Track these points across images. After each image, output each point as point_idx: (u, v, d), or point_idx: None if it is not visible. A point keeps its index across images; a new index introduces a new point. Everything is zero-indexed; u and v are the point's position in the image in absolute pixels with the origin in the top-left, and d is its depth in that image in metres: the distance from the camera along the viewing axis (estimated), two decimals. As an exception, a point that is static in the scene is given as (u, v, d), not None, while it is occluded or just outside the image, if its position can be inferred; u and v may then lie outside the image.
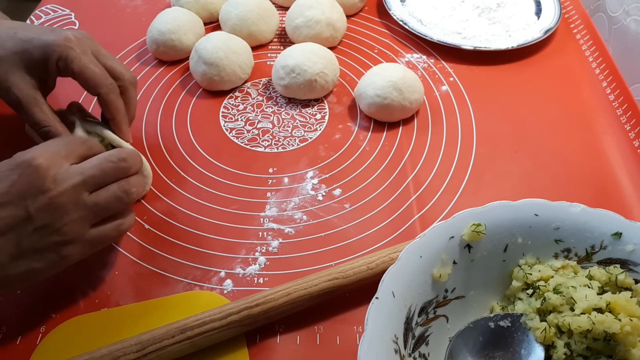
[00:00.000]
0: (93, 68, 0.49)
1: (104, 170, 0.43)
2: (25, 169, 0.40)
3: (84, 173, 0.42)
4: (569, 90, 0.67)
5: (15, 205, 0.39)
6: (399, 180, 0.57)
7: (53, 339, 0.45)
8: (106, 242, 0.45)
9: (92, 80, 0.48)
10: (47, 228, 0.40)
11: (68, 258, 0.42)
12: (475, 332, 0.41)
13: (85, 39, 0.50)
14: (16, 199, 0.39)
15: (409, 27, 0.74)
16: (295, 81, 0.63)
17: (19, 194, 0.39)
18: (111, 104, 0.50)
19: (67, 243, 0.41)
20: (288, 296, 0.44)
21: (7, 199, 0.39)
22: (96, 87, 0.49)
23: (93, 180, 0.42)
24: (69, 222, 0.41)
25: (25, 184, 0.39)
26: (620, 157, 0.59)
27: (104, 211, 0.43)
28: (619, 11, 0.75)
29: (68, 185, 0.41)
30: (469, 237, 0.43)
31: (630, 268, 0.42)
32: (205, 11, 0.75)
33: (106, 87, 0.49)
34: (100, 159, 0.43)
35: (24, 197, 0.39)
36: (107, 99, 0.50)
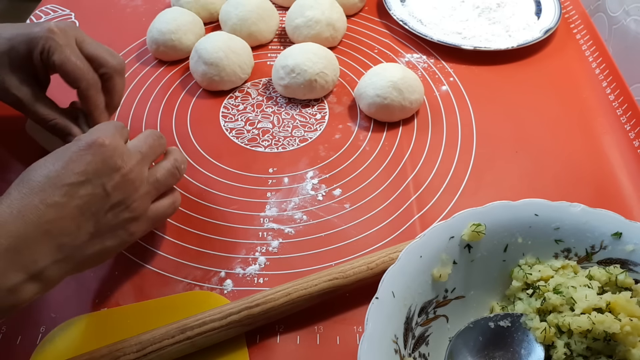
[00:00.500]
0: (74, 60, 0.48)
1: (151, 146, 0.45)
2: (97, 148, 0.40)
3: (141, 151, 0.44)
4: (569, 90, 0.67)
5: (93, 183, 0.39)
6: (399, 180, 0.57)
7: (53, 339, 0.45)
8: (163, 218, 0.47)
9: (72, 73, 0.48)
10: (121, 205, 0.41)
11: (134, 235, 0.44)
12: (475, 332, 0.41)
13: (69, 29, 0.49)
14: (93, 177, 0.39)
15: (409, 27, 0.74)
16: (295, 81, 0.63)
17: (95, 172, 0.40)
18: (90, 99, 0.50)
19: (135, 219, 0.43)
20: (288, 296, 0.44)
21: (85, 177, 0.39)
22: (76, 80, 0.48)
23: (147, 156, 0.45)
24: (137, 198, 0.42)
25: (101, 162, 0.40)
26: (620, 157, 0.59)
27: (163, 186, 0.46)
28: (619, 11, 0.75)
29: (134, 162, 0.42)
30: (469, 237, 0.43)
31: (630, 268, 0.42)
32: (205, 11, 0.75)
33: (86, 81, 0.49)
34: (145, 137, 0.45)
35: (100, 176, 0.40)
36: (86, 94, 0.49)
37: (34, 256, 0.37)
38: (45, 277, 0.38)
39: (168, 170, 0.46)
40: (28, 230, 0.36)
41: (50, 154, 0.41)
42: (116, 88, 0.52)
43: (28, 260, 0.37)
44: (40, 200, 0.37)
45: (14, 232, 0.36)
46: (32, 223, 0.37)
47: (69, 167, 0.39)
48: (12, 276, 0.36)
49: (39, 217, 0.37)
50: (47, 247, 0.37)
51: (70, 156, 0.40)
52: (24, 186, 0.38)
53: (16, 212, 0.37)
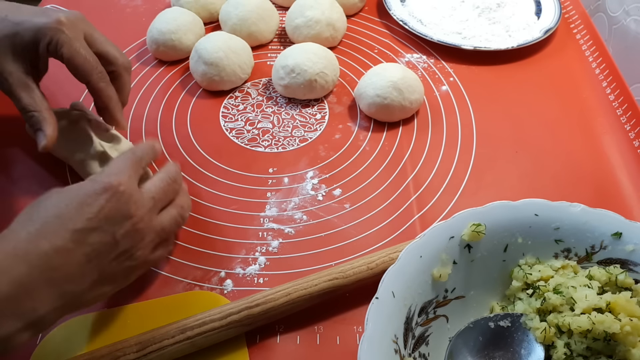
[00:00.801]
0: (84, 54, 0.47)
1: (165, 191, 0.44)
2: (112, 194, 0.39)
3: (154, 197, 0.43)
4: (569, 90, 0.67)
5: (104, 230, 0.38)
6: (399, 180, 0.57)
7: (53, 339, 0.45)
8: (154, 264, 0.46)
9: (81, 67, 0.47)
10: (126, 253, 0.40)
11: (129, 281, 0.43)
12: (475, 332, 0.41)
13: (78, 22, 0.48)
14: (105, 224, 0.38)
15: (409, 27, 0.74)
16: (295, 81, 0.63)
17: (107, 219, 0.38)
18: (102, 92, 0.49)
19: (136, 268, 0.42)
20: (288, 296, 0.44)
21: (97, 224, 0.38)
22: (86, 75, 0.47)
23: (159, 202, 0.43)
24: (142, 246, 0.41)
25: (115, 209, 0.39)
26: (620, 157, 0.59)
27: (167, 234, 0.44)
28: (619, 11, 0.75)
29: (145, 210, 0.41)
30: (469, 237, 0.43)
31: (630, 268, 0.42)
32: (205, 11, 0.75)
33: (96, 75, 0.48)
34: (160, 180, 0.44)
35: (113, 223, 0.39)
36: (98, 87, 0.48)
37: (34, 304, 0.35)
38: (42, 323, 0.36)
39: (174, 219, 0.45)
40: (32, 276, 0.35)
41: (62, 190, 0.39)
42: (124, 85, 0.52)
43: (28, 308, 0.35)
44: (48, 244, 0.36)
45: (16, 278, 0.34)
46: (37, 268, 0.35)
47: (81, 210, 0.38)
48: (9, 325, 0.34)
49: (45, 262, 0.35)
50: (49, 294, 0.36)
51: (85, 199, 0.38)
52: (33, 225, 0.37)
53: (22, 254, 0.35)
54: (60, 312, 0.38)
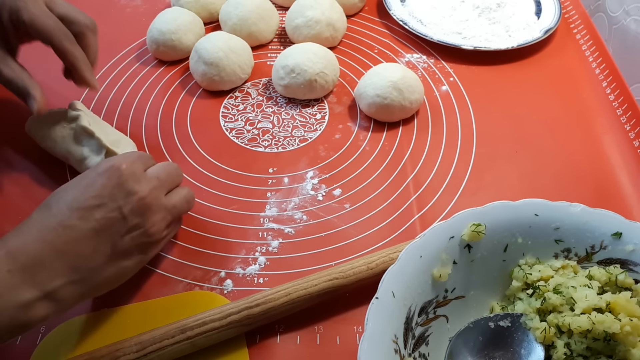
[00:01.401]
0: (43, 16, 0.48)
1: (170, 174, 0.46)
2: (113, 173, 0.41)
3: (159, 177, 0.45)
4: (569, 90, 0.67)
5: (109, 206, 0.40)
6: (399, 180, 0.57)
7: (53, 339, 0.45)
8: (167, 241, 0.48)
9: (42, 29, 0.48)
10: (139, 228, 0.42)
11: (149, 256, 0.45)
12: (475, 332, 0.41)
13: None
14: (109, 200, 0.40)
15: (409, 27, 0.74)
16: (295, 81, 0.63)
17: (110, 195, 0.41)
18: (67, 51, 0.49)
19: (152, 244, 0.44)
20: (288, 296, 0.44)
21: (100, 200, 0.40)
22: (48, 36, 0.48)
23: (165, 183, 0.45)
24: (155, 222, 0.43)
25: (117, 186, 0.41)
26: (620, 157, 0.59)
27: (179, 212, 0.47)
28: (619, 11, 0.75)
29: (151, 187, 0.43)
30: (469, 237, 0.43)
31: (630, 268, 0.42)
32: (205, 11, 0.75)
33: (58, 35, 0.48)
34: (164, 166, 0.46)
35: (116, 199, 0.41)
36: (62, 47, 0.49)
37: (49, 275, 0.38)
38: (59, 297, 0.38)
39: (184, 197, 0.47)
40: (45, 250, 0.38)
41: (71, 180, 0.42)
42: (90, 44, 0.52)
43: (43, 279, 0.37)
44: (57, 223, 0.39)
45: (32, 252, 0.37)
46: (49, 243, 0.38)
47: (85, 191, 0.40)
48: (26, 292, 0.37)
49: (56, 238, 0.38)
50: (62, 267, 0.38)
51: (88, 181, 0.41)
52: (45, 210, 0.40)
53: (35, 232, 0.38)
54: (79, 287, 0.39)
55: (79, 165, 0.54)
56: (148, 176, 0.44)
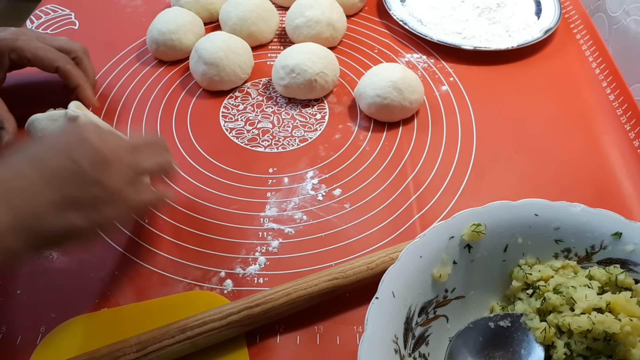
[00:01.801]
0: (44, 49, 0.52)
1: (148, 144, 0.46)
2: (74, 128, 0.43)
3: (130, 142, 0.45)
4: (569, 90, 0.67)
5: (64, 154, 0.40)
6: (399, 180, 0.57)
7: (53, 339, 0.45)
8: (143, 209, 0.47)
9: (46, 58, 0.52)
10: (94, 183, 0.40)
11: (107, 218, 0.42)
12: (475, 332, 0.41)
13: (27, 31, 0.55)
14: (64, 149, 0.40)
15: (409, 27, 0.74)
16: (295, 81, 0.63)
17: (66, 145, 0.40)
18: (71, 73, 0.53)
19: (109, 202, 0.41)
20: (288, 296, 0.44)
21: (56, 149, 0.40)
22: (52, 62, 0.52)
23: (137, 148, 0.45)
24: (113, 175, 0.41)
25: (74, 139, 0.41)
26: (620, 157, 0.59)
27: (145, 170, 0.45)
28: (619, 11, 0.75)
29: (115, 145, 0.42)
30: (469, 237, 0.43)
31: (630, 268, 0.42)
32: (205, 11, 0.75)
33: (61, 59, 0.53)
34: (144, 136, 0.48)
35: (72, 150, 0.40)
36: (66, 69, 0.53)
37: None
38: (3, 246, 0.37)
39: (156, 161, 0.46)
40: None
41: None
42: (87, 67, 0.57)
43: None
44: (6, 168, 0.39)
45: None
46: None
47: (43, 142, 0.42)
48: None
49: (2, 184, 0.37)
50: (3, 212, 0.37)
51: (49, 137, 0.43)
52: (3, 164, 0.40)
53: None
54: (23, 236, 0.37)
55: None
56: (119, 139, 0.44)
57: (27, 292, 0.47)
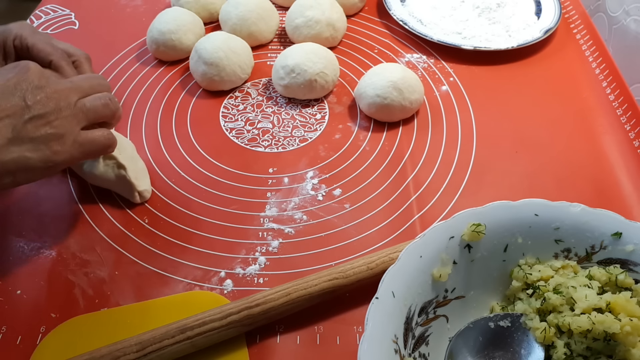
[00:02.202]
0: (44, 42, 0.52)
1: (87, 79, 0.48)
2: (22, 68, 0.44)
3: (72, 80, 0.47)
4: (569, 90, 0.67)
5: (13, 95, 0.42)
6: (399, 180, 0.57)
7: (53, 339, 0.45)
8: (94, 148, 0.48)
9: (43, 50, 0.52)
10: (41, 119, 0.43)
11: (58, 155, 0.44)
12: (475, 332, 0.41)
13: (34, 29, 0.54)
14: (14, 89, 0.42)
15: (409, 27, 0.74)
16: (295, 81, 0.63)
17: (16, 85, 0.43)
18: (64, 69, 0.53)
19: (58, 138, 0.44)
20: (288, 296, 0.44)
21: (6, 90, 0.42)
22: (48, 55, 0.52)
23: (80, 87, 0.47)
24: (60, 117, 0.44)
25: (23, 79, 0.43)
26: (620, 157, 0.59)
27: (92, 113, 0.47)
28: (619, 11, 0.75)
29: (60, 86, 0.45)
30: (469, 237, 0.43)
31: (630, 268, 0.42)
32: (205, 11, 0.75)
33: (56, 55, 0.52)
34: (86, 74, 0.49)
35: (21, 89, 0.43)
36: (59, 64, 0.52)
37: None
38: None
39: (100, 99, 0.48)
40: None
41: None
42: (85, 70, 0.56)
43: None
44: None
45: None
46: None
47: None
48: None
49: None
50: None
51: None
52: None
53: None
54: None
55: (78, 167, 0.54)
56: (60, 79, 0.46)
57: (27, 292, 0.47)
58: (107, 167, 0.53)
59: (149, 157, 0.59)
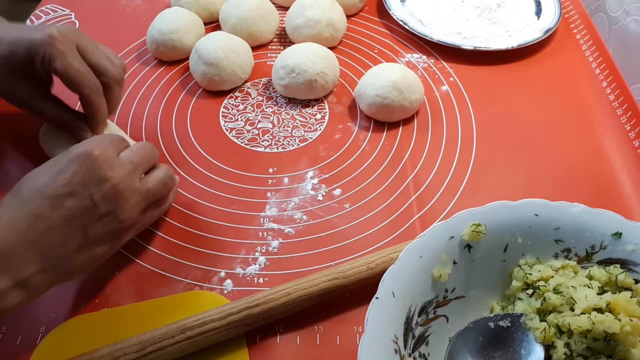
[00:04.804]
0: (77, 67, 0.48)
1: (144, 157, 0.46)
2: (85, 159, 0.41)
3: (133, 161, 0.44)
4: (569, 90, 0.67)
5: (80, 194, 0.40)
6: (399, 180, 0.57)
7: (53, 339, 0.45)
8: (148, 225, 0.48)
9: (74, 79, 0.48)
10: (110, 215, 0.42)
11: (122, 242, 0.45)
12: (475, 332, 0.41)
13: (71, 34, 0.49)
14: (80, 188, 0.40)
15: (409, 27, 0.74)
16: (295, 81, 0.63)
17: (82, 183, 0.40)
18: (93, 104, 0.50)
19: (124, 230, 0.44)
20: (288, 296, 0.44)
21: (72, 188, 0.40)
22: (79, 86, 0.48)
23: (140, 166, 0.45)
24: (127, 208, 0.43)
25: (88, 173, 0.41)
26: (620, 157, 0.59)
27: (154, 196, 0.46)
28: (619, 11, 0.75)
29: (124, 172, 0.43)
30: (469, 237, 0.43)
31: (630, 268, 0.42)
32: (205, 11, 0.75)
33: (89, 87, 0.49)
34: (138, 148, 0.46)
35: (88, 186, 0.40)
36: (89, 100, 0.49)
37: (20, 264, 0.38)
38: (32, 285, 0.39)
39: (160, 180, 0.46)
40: (16, 239, 0.38)
41: (43, 165, 0.42)
42: (114, 96, 0.53)
43: (15, 268, 0.38)
44: (28, 212, 0.39)
45: (3, 241, 0.37)
46: (19, 232, 0.38)
47: (56, 178, 0.40)
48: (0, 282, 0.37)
49: (27, 227, 0.38)
50: (34, 256, 0.38)
51: (60, 167, 0.41)
52: (16, 196, 0.40)
53: (5, 221, 0.38)
54: (50, 274, 0.40)
55: None
56: (121, 161, 0.43)
57: (27, 292, 0.47)
58: None
59: (149, 157, 0.59)
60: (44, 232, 0.39)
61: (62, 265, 0.40)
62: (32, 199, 0.39)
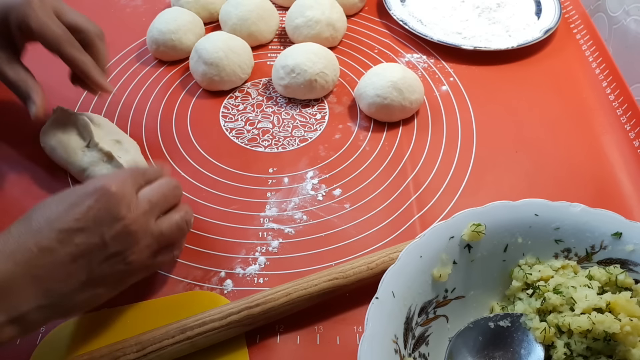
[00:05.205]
0: (51, 25, 0.47)
1: (165, 196, 0.43)
2: (101, 195, 0.39)
3: (151, 200, 0.42)
4: (569, 90, 0.67)
5: (91, 231, 0.38)
6: (399, 180, 0.57)
7: (53, 339, 0.45)
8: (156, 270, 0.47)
9: (50, 37, 0.47)
10: (118, 256, 0.40)
11: (127, 285, 0.42)
12: (475, 332, 0.41)
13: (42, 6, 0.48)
14: (92, 225, 0.38)
15: (409, 27, 0.74)
16: (295, 81, 0.63)
17: (95, 219, 0.38)
18: (76, 59, 0.49)
19: (130, 273, 0.42)
20: (288, 296, 0.44)
21: (84, 224, 0.38)
22: (55, 44, 0.47)
23: (157, 207, 0.43)
24: (136, 250, 0.40)
25: (103, 210, 0.38)
26: (620, 157, 0.59)
27: (167, 240, 0.44)
28: (619, 11, 0.75)
29: (140, 212, 0.40)
30: (469, 237, 0.43)
31: (630, 268, 0.42)
32: (205, 11, 0.75)
33: (65, 42, 0.48)
34: (159, 185, 0.43)
35: (100, 224, 0.38)
36: (70, 55, 0.48)
37: (18, 299, 0.36)
38: (27, 321, 0.36)
39: (175, 223, 0.44)
40: (16, 272, 0.36)
41: (58, 194, 0.40)
42: (99, 52, 0.52)
43: (12, 303, 0.36)
44: (34, 243, 0.36)
45: (3, 274, 0.35)
46: (21, 265, 0.36)
47: (69, 211, 0.38)
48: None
49: (30, 260, 0.36)
50: (33, 291, 0.36)
51: (75, 199, 0.39)
52: (24, 224, 0.38)
53: (9, 251, 0.36)
54: (48, 312, 0.37)
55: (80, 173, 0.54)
56: (139, 199, 0.41)
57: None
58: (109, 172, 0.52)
59: (149, 157, 0.59)
60: (47, 267, 0.37)
61: (61, 303, 0.38)
62: (41, 230, 0.37)
